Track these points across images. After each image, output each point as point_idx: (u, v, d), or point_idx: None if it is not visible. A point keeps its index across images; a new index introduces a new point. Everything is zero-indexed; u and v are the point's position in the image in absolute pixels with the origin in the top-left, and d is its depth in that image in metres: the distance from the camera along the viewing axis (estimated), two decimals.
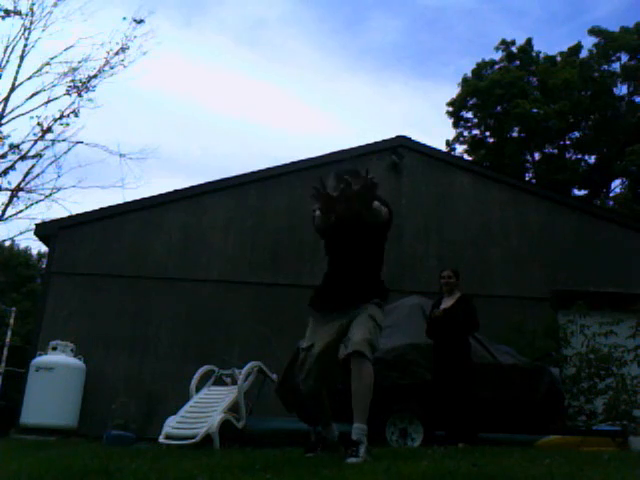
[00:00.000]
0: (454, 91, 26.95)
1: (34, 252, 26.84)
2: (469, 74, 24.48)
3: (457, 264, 7.03)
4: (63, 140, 13.80)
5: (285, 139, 58.65)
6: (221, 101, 57.33)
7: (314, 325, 3.31)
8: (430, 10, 49.60)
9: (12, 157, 13.31)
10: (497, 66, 24.32)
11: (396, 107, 55.27)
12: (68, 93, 13.84)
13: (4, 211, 13.80)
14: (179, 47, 52.25)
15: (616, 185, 23.21)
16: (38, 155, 13.65)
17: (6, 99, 13.66)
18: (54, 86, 13.92)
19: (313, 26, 61.20)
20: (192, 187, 10.08)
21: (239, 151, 59.05)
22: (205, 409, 5.94)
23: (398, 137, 10.63)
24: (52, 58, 14.01)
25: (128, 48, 14.44)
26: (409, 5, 52.24)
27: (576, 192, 23.08)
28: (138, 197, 10.17)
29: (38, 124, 13.39)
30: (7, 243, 22.47)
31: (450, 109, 24.60)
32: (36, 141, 13.57)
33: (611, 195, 22.97)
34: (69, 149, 14.00)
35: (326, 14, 58.26)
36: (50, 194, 13.83)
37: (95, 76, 14.11)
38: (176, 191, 10.03)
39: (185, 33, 54.81)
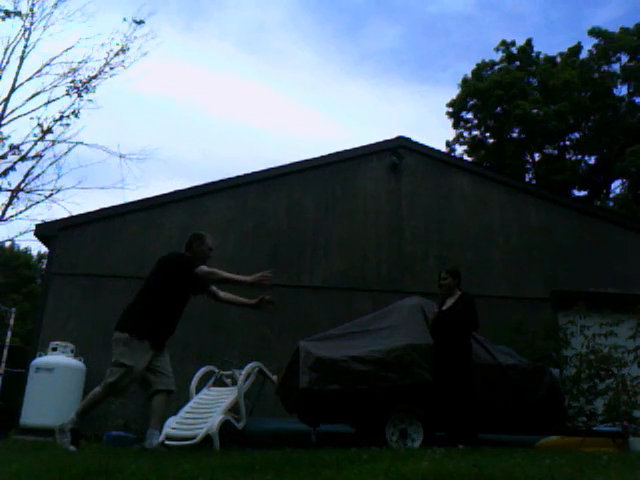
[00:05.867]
0: (453, 94, 26.96)
1: (34, 253, 26.86)
2: (469, 75, 24.49)
3: (457, 265, 7.03)
4: (63, 141, 13.84)
5: (285, 142, 58.67)
6: (221, 104, 57.33)
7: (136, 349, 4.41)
8: (428, 16, 49.68)
9: (12, 158, 13.34)
10: (497, 67, 24.33)
11: (395, 110, 55.34)
12: (68, 94, 13.87)
13: (4, 212, 13.81)
14: (180, 51, 52.25)
15: (616, 186, 23.22)
16: (38, 156, 13.67)
17: (6, 100, 13.68)
18: (54, 87, 13.97)
19: (313, 31, 61.28)
20: (192, 188, 10.07)
21: (239, 154, 59.02)
22: (205, 410, 5.93)
23: (398, 138, 10.63)
24: (52, 59, 14.05)
25: (128, 49, 14.50)
26: (408, 12, 52.28)
27: (576, 193, 23.09)
28: (138, 198, 10.17)
29: (38, 125, 13.42)
30: (7, 244, 22.46)
31: (450, 110, 24.61)
32: (36, 142, 13.59)
33: (611, 196, 22.96)
34: (69, 150, 14.04)
35: (326, 19, 58.30)
36: (50, 195, 13.85)
37: (95, 77, 14.15)
38: (176, 192, 10.01)
39: (186, 37, 54.86)
